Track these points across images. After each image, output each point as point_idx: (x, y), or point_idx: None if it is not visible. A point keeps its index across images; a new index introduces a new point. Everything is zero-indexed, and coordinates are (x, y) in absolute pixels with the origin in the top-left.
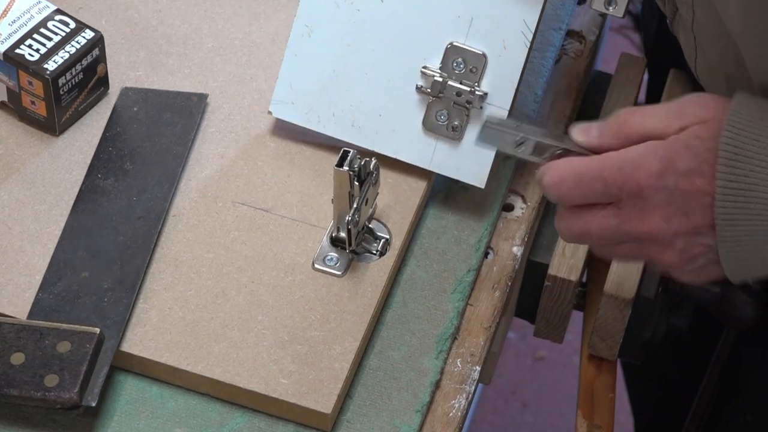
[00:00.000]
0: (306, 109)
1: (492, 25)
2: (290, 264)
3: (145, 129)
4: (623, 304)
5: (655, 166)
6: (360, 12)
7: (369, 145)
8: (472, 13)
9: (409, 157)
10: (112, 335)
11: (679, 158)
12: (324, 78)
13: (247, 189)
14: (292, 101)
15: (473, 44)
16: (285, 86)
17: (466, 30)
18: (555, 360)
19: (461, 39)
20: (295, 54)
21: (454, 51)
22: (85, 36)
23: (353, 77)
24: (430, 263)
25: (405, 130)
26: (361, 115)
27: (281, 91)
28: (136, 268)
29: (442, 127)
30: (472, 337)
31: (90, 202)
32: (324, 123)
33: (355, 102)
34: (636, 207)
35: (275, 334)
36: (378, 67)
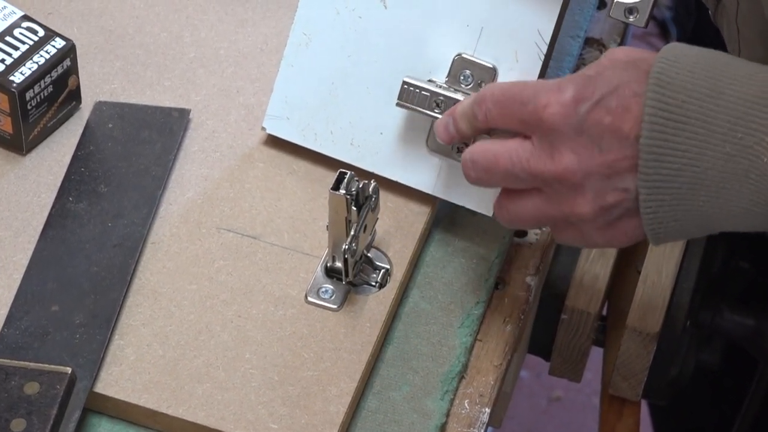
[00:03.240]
0: (302, 125)
1: (503, 35)
2: (281, 297)
3: (121, 148)
4: (648, 339)
5: (569, 92)
6: (362, 20)
7: (368, 167)
8: (482, 22)
9: (412, 181)
10: (85, 375)
11: (594, 85)
12: (322, 91)
13: (233, 214)
14: (287, 116)
15: (483, 56)
16: (280, 100)
17: (476, 41)
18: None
19: (470, 50)
20: (291, 65)
21: (461, 63)
22: (56, 45)
23: (353, 91)
24: (435, 295)
25: (408, 150)
26: (360, 132)
27: (276, 106)
28: (111, 301)
29: (447, 147)
30: (481, 376)
31: (60, 228)
32: (321, 141)
33: (355, 118)
34: (545, 141)
35: (264, 374)
36: (380, 81)
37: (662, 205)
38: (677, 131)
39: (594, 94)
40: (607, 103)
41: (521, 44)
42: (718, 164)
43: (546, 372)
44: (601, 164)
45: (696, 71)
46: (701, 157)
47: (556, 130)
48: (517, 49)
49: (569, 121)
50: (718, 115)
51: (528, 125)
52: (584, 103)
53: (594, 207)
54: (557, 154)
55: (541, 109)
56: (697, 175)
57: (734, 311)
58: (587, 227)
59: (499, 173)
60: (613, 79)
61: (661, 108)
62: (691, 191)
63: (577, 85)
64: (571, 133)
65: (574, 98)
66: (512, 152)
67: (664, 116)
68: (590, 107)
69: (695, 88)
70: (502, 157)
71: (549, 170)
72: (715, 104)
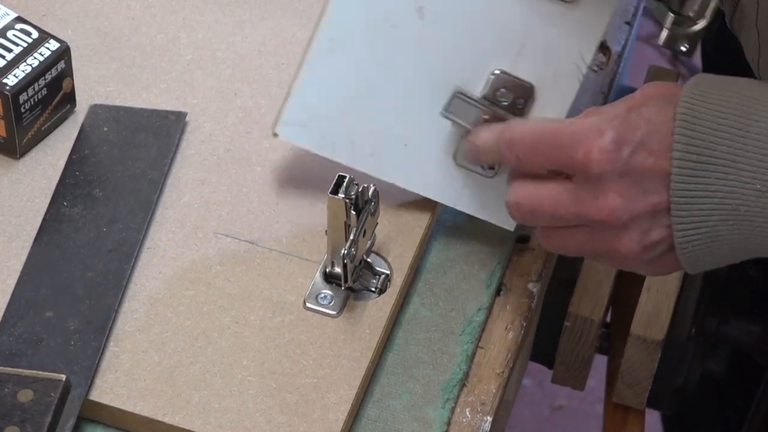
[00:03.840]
0: (320, 133)
1: (544, 54)
2: (279, 303)
3: (117, 151)
4: (652, 346)
5: (608, 135)
6: (396, 29)
7: (389, 178)
8: (523, 39)
9: (435, 194)
10: (80, 382)
11: (634, 127)
12: (345, 100)
13: (230, 218)
14: (304, 123)
15: (521, 74)
16: (298, 106)
17: (515, 58)
18: (575, 409)
19: (507, 67)
20: (313, 71)
21: (500, 80)
22: (50, 47)
23: (379, 101)
24: (436, 301)
25: (432, 163)
26: (383, 143)
27: (292, 112)
28: (107, 307)
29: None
30: (482, 384)
31: (55, 233)
32: (339, 150)
33: (379, 129)
34: (589, 183)
35: (262, 381)
36: (410, 91)
37: (698, 245)
38: (707, 173)
39: (635, 136)
40: (648, 145)
41: (561, 64)
42: (749, 201)
43: (549, 380)
44: (646, 205)
45: (723, 109)
46: (731, 196)
47: (601, 174)
48: (557, 69)
49: (614, 166)
50: (747, 153)
51: (568, 169)
52: (626, 147)
53: (639, 246)
54: (602, 197)
55: (584, 155)
56: (729, 212)
57: (740, 318)
58: (630, 263)
59: (545, 216)
60: (651, 118)
61: (689, 151)
62: (725, 228)
63: (616, 128)
64: (615, 177)
65: (615, 142)
66: (555, 196)
67: (693, 159)
68: (633, 150)
69: (722, 128)
70: (546, 200)
71: (594, 213)
72: (743, 143)
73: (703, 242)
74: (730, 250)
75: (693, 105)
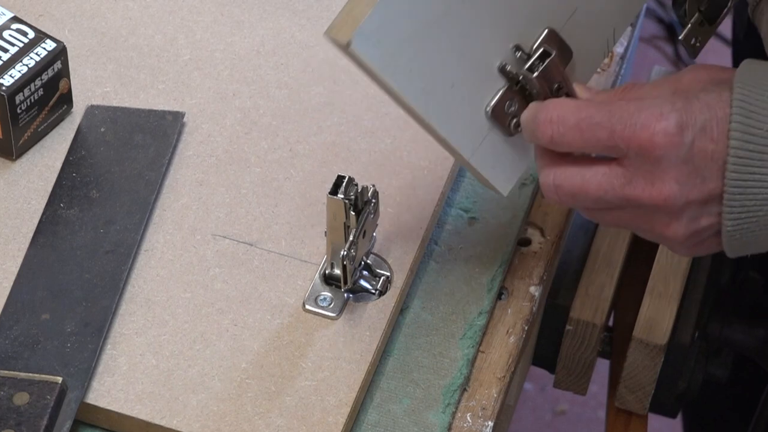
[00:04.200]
0: (389, 53)
1: (589, 23)
2: (278, 305)
3: (114, 152)
4: (655, 351)
5: (673, 118)
6: None
7: (426, 114)
8: (578, 3)
9: (455, 139)
10: (77, 385)
11: (696, 112)
12: (416, 28)
13: (228, 220)
14: (380, 39)
15: (567, 38)
16: (379, 19)
17: (566, 19)
18: (577, 414)
19: (558, 26)
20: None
21: (549, 38)
22: (46, 47)
23: (445, 35)
24: (437, 305)
25: (468, 109)
26: (435, 79)
27: (372, 23)
28: (104, 310)
29: (505, 118)
30: (483, 389)
31: (51, 234)
32: (398, 75)
33: (436, 63)
34: (645, 168)
35: (261, 384)
36: (473, 31)
37: (746, 233)
38: (763, 162)
39: (697, 121)
40: (710, 131)
41: (597, 38)
42: None
43: (550, 384)
44: (702, 193)
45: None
46: None
47: (662, 158)
48: (593, 42)
49: (677, 150)
50: None
51: (620, 151)
52: (689, 132)
53: (687, 231)
54: (659, 183)
55: (647, 138)
56: None
57: (744, 323)
58: (674, 245)
59: (589, 200)
60: (710, 103)
61: (746, 140)
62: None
63: (679, 111)
64: (677, 162)
65: (679, 125)
66: (603, 179)
67: (749, 148)
68: (695, 135)
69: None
70: (591, 183)
71: (648, 198)
72: None
73: (751, 230)
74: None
75: (749, 92)
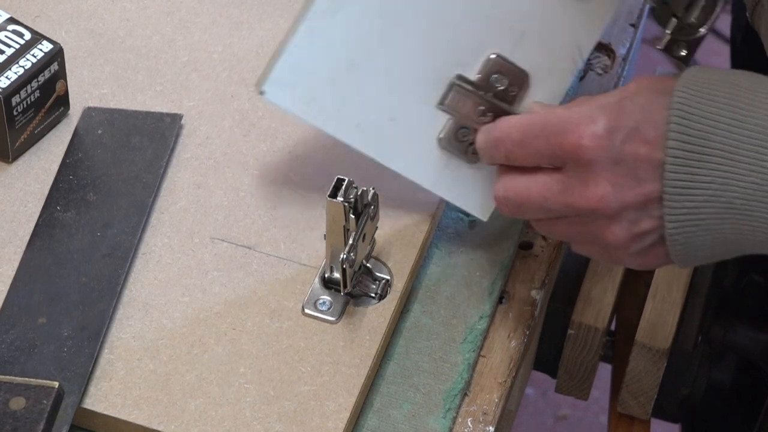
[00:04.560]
0: (307, 97)
1: (543, 44)
2: (277, 309)
3: (111, 155)
4: (658, 355)
5: (601, 122)
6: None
7: (370, 152)
8: (525, 26)
9: (413, 174)
10: (73, 390)
11: (627, 113)
12: (339, 66)
13: (227, 223)
14: (293, 85)
15: (518, 61)
16: (289, 66)
17: (514, 44)
18: (579, 419)
19: (506, 53)
20: (311, 31)
21: (496, 63)
22: (43, 48)
23: (373, 72)
24: (437, 309)
25: (417, 142)
26: (370, 116)
27: (283, 71)
28: (101, 314)
29: (460, 147)
30: (484, 394)
31: (48, 238)
32: (324, 117)
33: (368, 100)
34: (579, 172)
35: (259, 388)
36: (406, 65)
37: (690, 237)
38: (702, 163)
39: (627, 123)
40: (643, 133)
41: (558, 56)
42: (745, 194)
43: (552, 389)
44: (638, 195)
45: (718, 100)
46: (727, 188)
47: (593, 161)
48: (554, 61)
49: (606, 153)
50: (743, 144)
51: (558, 158)
52: (618, 134)
53: (628, 235)
54: (593, 186)
55: (575, 142)
56: (723, 205)
57: (747, 327)
58: (618, 253)
59: (533, 208)
60: (644, 106)
61: (684, 141)
62: (718, 221)
63: (608, 114)
64: (607, 164)
65: (608, 128)
66: (544, 187)
67: (687, 149)
68: (626, 137)
69: (718, 118)
70: (534, 192)
71: (584, 202)
72: (739, 134)
73: (695, 235)
74: (723, 245)
75: (690, 96)
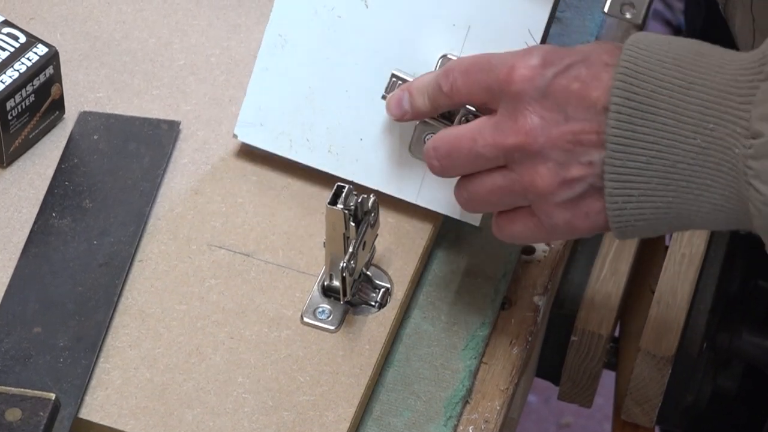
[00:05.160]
0: (276, 132)
1: (492, 34)
2: (275, 317)
3: (107, 160)
4: (662, 362)
5: (537, 56)
6: (341, 19)
7: (348, 175)
8: (469, 21)
9: (394, 189)
10: (70, 401)
11: (564, 53)
12: (298, 96)
13: (225, 230)
14: (260, 123)
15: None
16: (253, 106)
17: (462, 41)
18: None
19: (456, 51)
20: (265, 68)
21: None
22: (38, 52)
23: (332, 95)
24: (438, 315)
25: (389, 156)
26: (339, 139)
27: (248, 112)
28: (97, 323)
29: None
30: (486, 401)
31: (43, 245)
32: (297, 149)
33: (333, 124)
34: (510, 109)
35: (258, 398)
36: (360, 83)
37: (629, 200)
38: (646, 122)
39: (563, 60)
40: (576, 71)
41: (511, 44)
42: (689, 157)
43: (555, 397)
44: (565, 132)
45: (666, 61)
46: (671, 150)
47: (521, 92)
48: (507, 49)
49: (535, 84)
50: (690, 105)
51: (493, 93)
52: (552, 68)
53: (556, 179)
54: (521, 118)
55: (507, 72)
56: (666, 168)
57: (754, 333)
58: (547, 205)
59: (463, 154)
60: (584, 50)
61: (628, 98)
62: (660, 185)
63: (546, 51)
64: (535, 95)
65: (542, 62)
66: (475, 129)
67: (631, 106)
68: (558, 72)
69: (665, 78)
70: (465, 136)
71: (512, 136)
72: (686, 95)
73: (635, 199)
74: (665, 214)
75: (636, 54)
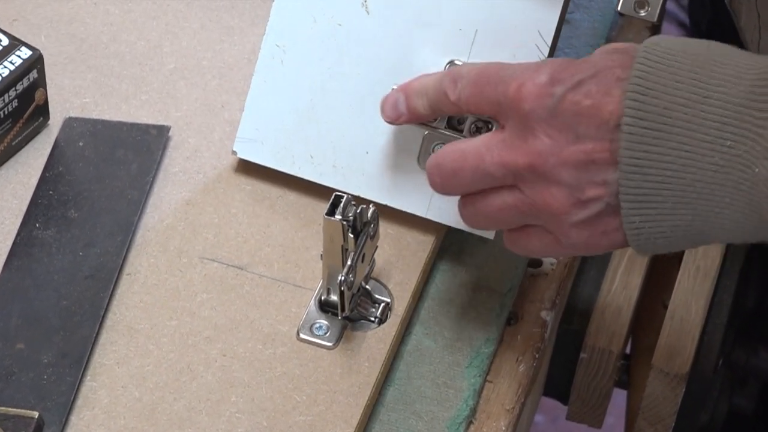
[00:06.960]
0: (278, 148)
1: (500, 38)
2: (270, 333)
3: (94, 169)
4: (676, 380)
5: (546, 72)
6: (342, 27)
7: (355, 190)
8: (476, 24)
9: (403, 203)
10: (54, 420)
11: (574, 68)
12: (300, 109)
13: (217, 242)
14: (260, 139)
15: (478, 60)
16: (252, 121)
17: (470, 45)
18: None
19: (464, 56)
20: (264, 81)
21: None
22: (21, 55)
23: (335, 107)
24: (441, 331)
25: (397, 169)
26: (344, 153)
27: (247, 127)
28: (83, 338)
29: None
30: (491, 421)
31: (26, 257)
32: (300, 165)
33: (338, 138)
34: (519, 129)
35: (252, 418)
36: (364, 94)
37: (646, 220)
38: (660, 140)
39: (573, 76)
40: (587, 87)
41: (520, 47)
42: (706, 176)
43: (563, 416)
44: (576, 152)
45: (680, 73)
46: (687, 168)
47: (530, 112)
48: (516, 53)
49: (544, 102)
50: (705, 122)
51: (501, 108)
52: (561, 85)
53: (570, 200)
54: (531, 138)
55: (516, 89)
56: (683, 187)
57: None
58: (562, 226)
59: (468, 172)
60: (596, 63)
61: (641, 117)
62: (679, 204)
63: (555, 66)
64: (545, 115)
65: (550, 79)
66: (481, 146)
67: (644, 126)
68: (568, 89)
69: (678, 92)
70: (470, 153)
71: (521, 158)
72: (701, 110)
73: (652, 218)
74: (685, 232)
75: (649, 67)
